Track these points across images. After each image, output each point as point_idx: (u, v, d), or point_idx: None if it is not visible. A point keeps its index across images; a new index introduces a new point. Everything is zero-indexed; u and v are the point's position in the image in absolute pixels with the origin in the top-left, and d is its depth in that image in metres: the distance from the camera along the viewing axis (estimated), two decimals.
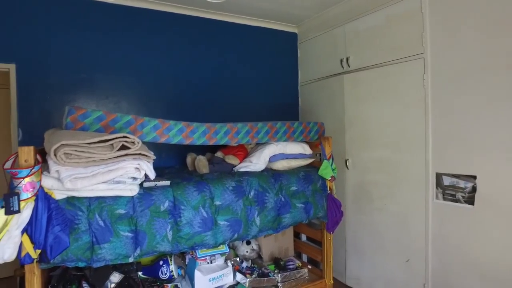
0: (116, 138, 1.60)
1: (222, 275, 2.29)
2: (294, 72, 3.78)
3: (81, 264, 1.64)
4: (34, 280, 1.54)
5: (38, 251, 1.46)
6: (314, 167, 2.59)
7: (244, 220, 2.06)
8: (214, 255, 2.31)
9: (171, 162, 2.92)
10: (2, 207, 1.38)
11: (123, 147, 1.63)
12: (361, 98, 2.89)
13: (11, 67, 2.49)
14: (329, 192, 2.51)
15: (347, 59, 3.01)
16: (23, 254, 1.42)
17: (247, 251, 2.62)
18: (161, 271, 2.28)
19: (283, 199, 2.26)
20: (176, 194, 1.87)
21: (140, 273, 2.27)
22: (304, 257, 3.08)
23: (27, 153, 1.50)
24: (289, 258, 2.71)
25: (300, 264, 2.67)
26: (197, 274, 2.20)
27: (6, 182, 1.50)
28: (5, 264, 3.37)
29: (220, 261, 2.36)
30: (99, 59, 2.79)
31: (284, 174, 2.35)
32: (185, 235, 1.87)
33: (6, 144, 2.86)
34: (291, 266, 2.57)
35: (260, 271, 2.48)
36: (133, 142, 1.64)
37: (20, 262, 1.45)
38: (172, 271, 2.28)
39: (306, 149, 2.58)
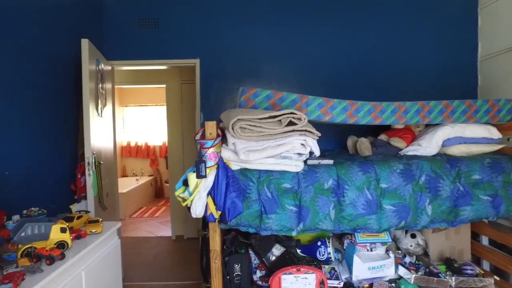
0: (284, 114, 1.68)
1: (383, 266, 2.12)
2: (471, 45, 3.18)
3: (251, 230, 1.80)
4: (216, 236, 1.79)
5: (219, 212, 1.67)
6: (504, 154, 2.10)
7: (413, 207, 1.84)
8: (374, 243, 2.16)
9: (331, 145, 2.91)
10: (194, 171, 1.65)
11: (290, 124, 1.69)
12: None
13: (196, 62, 2.98)
14: None
15: None
16: (208, 213, 1.66)
17: (411, 245, 2.34)
18: (319, 251, 2.28)
19: (461, 188, 1.91)
20: (340, 173, 1.83)
21: (298, 251, 2.34)
22: (485, 265, 2.54)
23: (211, 127, 1.72)
24: (466, 262, 2.28)
25: (482, 272, 2.22)
26: (356, 260, 2.11)
27: (196, 152, 1.77)
28: (191, 228, 4.20)
29: (380, 250, 2.19)
30: (263, 49, 3.04)
31: (462, 160, 1.99)
32: (348, 215, 1.80)
33: (192, 125, 3.72)
34: (469, 272, 2.15)
35: (428, 270, 2.18)
36: (299, 118, 1.68)
37: (206, 219, 1.70)
38: (329, 253, 2.26)
39: (493, 133, 2.13)
